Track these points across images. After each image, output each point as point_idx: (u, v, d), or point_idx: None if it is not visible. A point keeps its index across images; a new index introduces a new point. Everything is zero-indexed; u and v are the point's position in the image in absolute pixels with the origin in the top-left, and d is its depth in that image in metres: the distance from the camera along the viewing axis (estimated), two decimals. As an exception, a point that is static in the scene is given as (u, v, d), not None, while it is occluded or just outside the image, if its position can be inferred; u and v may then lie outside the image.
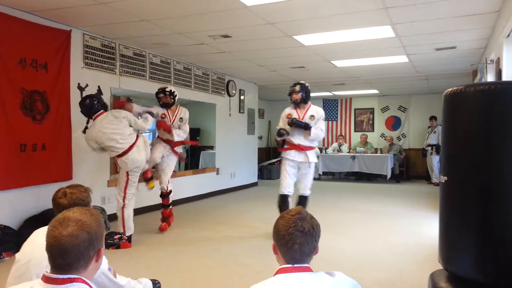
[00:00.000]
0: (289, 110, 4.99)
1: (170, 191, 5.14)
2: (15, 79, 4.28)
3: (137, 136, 4.47)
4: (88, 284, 1.28)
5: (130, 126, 4.40)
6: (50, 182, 4.56)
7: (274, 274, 1.40)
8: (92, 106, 4.29)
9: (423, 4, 4.14)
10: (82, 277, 1.27)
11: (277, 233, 1.43)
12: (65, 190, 1.94)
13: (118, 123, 4.29)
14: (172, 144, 5.04)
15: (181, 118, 5.14)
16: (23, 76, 4.37)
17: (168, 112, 5.08)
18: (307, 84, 4.99)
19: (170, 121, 5.06)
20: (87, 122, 4.41)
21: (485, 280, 2.06)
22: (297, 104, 4.94)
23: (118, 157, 4.35)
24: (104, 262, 1.82)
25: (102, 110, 4.34)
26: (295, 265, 1.39)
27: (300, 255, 1.39)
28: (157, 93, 5.10)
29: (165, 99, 5.01)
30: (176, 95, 5.11)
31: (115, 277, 1.88)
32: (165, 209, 5.14)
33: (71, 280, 1.24)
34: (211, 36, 5.44)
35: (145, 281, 2.17)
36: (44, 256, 1.79)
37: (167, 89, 5.06)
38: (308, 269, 1.40)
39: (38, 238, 1.92)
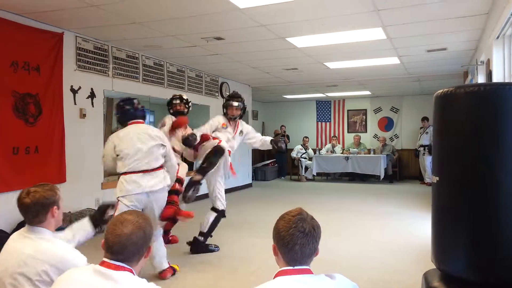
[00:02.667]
0: (223, 120, 4.58)
1: None
2: (7, 82, 4.25)
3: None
4: (134, 275, 1.47)
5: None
6: (43, 185, 4.53)
7: (274, 277, 1.37)
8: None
9: (414, 6, 4.18)
10: (132, 269, 1.47)
11: (277, 234, 1.41)
12: (29, 189, 1.88)
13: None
14: None
15: None
16: (15, 79, 4.34)
17: None
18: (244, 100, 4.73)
19: None
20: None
21: (477, 279, 2.09)
22: (232, 119, 4.61)
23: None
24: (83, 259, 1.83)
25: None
26: (296, 267, 1.37)
27: (301, 256, 1.37)
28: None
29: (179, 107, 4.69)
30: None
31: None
32: None
33: (124, 268, 1.43)
34: (204, 38, 5.45)
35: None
36: (18, 263, 1.72)
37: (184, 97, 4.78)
38: (309, 271, 1.37)
39: (13, 244, 1.84)
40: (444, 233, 2.25)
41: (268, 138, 4.87)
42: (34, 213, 1.84)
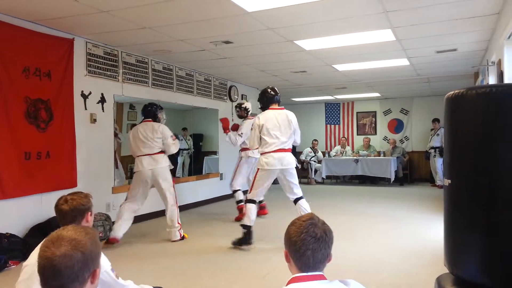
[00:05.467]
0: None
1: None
2: (19, 88, 4.31)
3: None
4: None
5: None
6: (55, 190, 4.57)
7: (287, 284, 1.35)
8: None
9: (423, 7, 4.15)
10: None
11: (289, 239, 1.39)
12: (66, 197, 2.04)
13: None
14: None
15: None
16: (27, 84, 4.40)
17: None
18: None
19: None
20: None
21: (491, 283, 2.06)
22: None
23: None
24: (107, 262, 1.86)
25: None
26: (309, 273, 1.34)
27: (313, 261, 1.35)
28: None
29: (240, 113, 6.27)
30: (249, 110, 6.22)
31: (117, 278, 1.90)
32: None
33: None
34: (212, 42, 5.48)
35: None
36: None
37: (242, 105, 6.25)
38: (322, 277, 1.35)
39: None
40: (457, 236, 2.23)
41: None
42: (71, 218, 1.99)
